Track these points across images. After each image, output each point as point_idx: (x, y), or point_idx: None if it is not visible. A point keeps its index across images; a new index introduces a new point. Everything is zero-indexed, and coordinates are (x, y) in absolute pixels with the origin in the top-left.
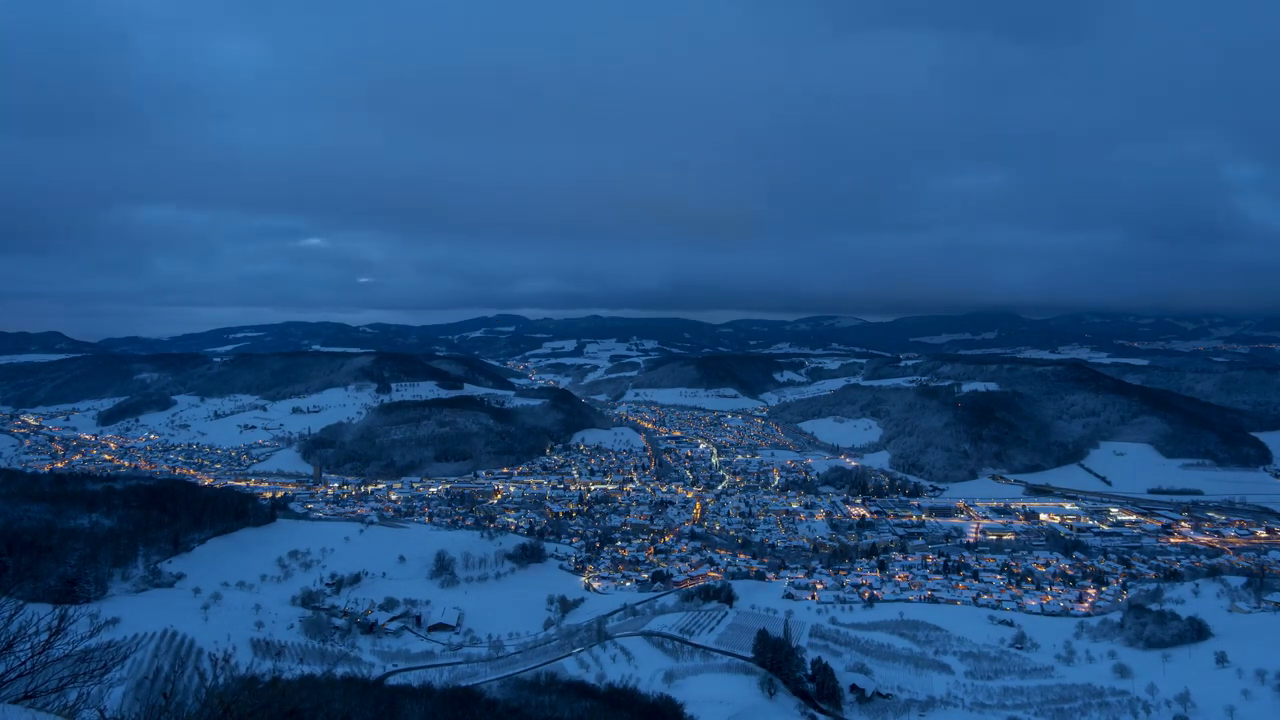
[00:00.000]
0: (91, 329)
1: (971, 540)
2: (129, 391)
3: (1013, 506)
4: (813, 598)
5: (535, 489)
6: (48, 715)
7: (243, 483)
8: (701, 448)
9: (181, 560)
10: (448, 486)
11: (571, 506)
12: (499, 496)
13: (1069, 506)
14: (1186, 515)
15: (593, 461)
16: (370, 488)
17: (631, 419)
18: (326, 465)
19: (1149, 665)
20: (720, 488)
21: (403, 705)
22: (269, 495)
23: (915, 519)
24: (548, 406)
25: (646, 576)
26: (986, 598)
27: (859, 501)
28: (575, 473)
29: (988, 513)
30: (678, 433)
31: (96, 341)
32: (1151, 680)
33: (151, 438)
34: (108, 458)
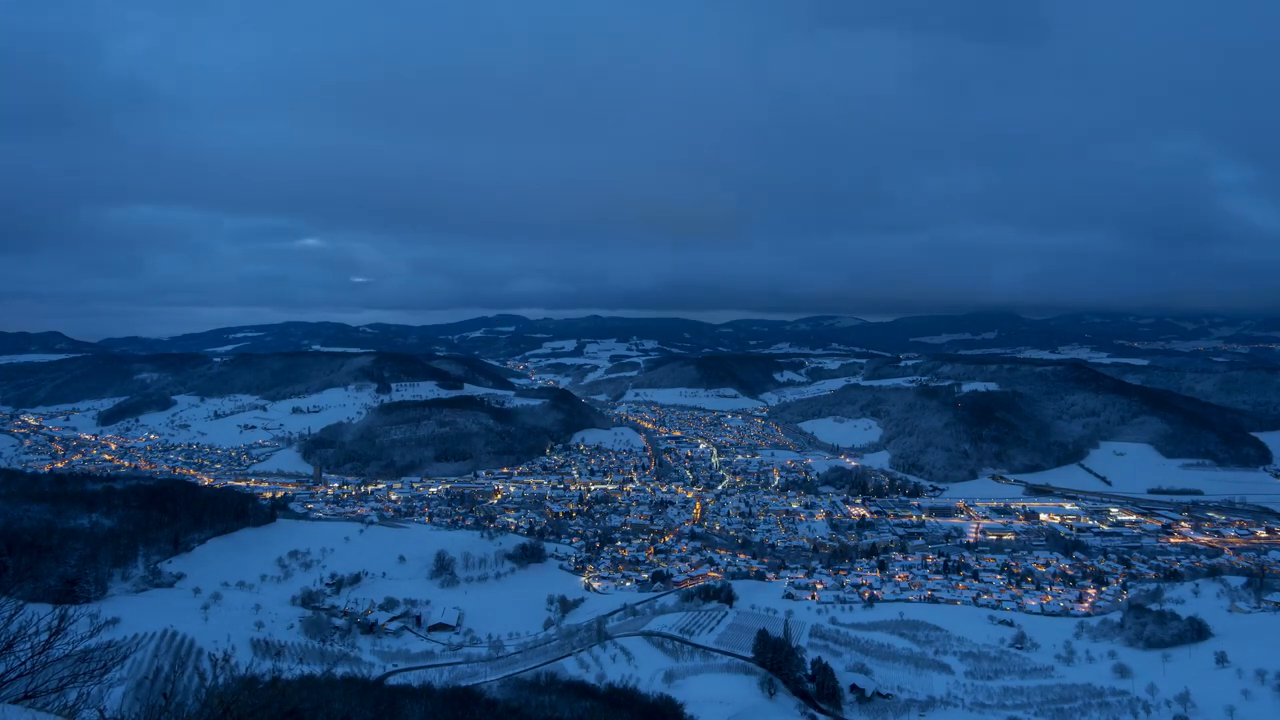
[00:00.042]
0: (91, 329)
1: (971, 540)
2: (129, 391)
3: (1013, 506)
4: (813, 598)
5: (535, 489)
6: (48, 715)
7: (243, 483)
8: (701, 448)
9: (181, 560)
10: (448, 486)
11: (571, 506)
12: (499, 496)
13: (1069, 506)
14: (1186, 515)
15: (593, 461)
16: (370, 488)
17: (631, 419)
18: (326, 465)
19: (1149, 665)
20: (720, 488)
21: (403, 705)
22: (269, 495)
23: (915, 519)
24: (548, 406)
25: (646, 576)
26: (986, 598)
27: (859, 501)
28: (575, 473)
29: (988, 513)
30: (678, 433)
31: (96, 341)
32: (1151, 680)
33: (151, 438)
34: (108, 458)
